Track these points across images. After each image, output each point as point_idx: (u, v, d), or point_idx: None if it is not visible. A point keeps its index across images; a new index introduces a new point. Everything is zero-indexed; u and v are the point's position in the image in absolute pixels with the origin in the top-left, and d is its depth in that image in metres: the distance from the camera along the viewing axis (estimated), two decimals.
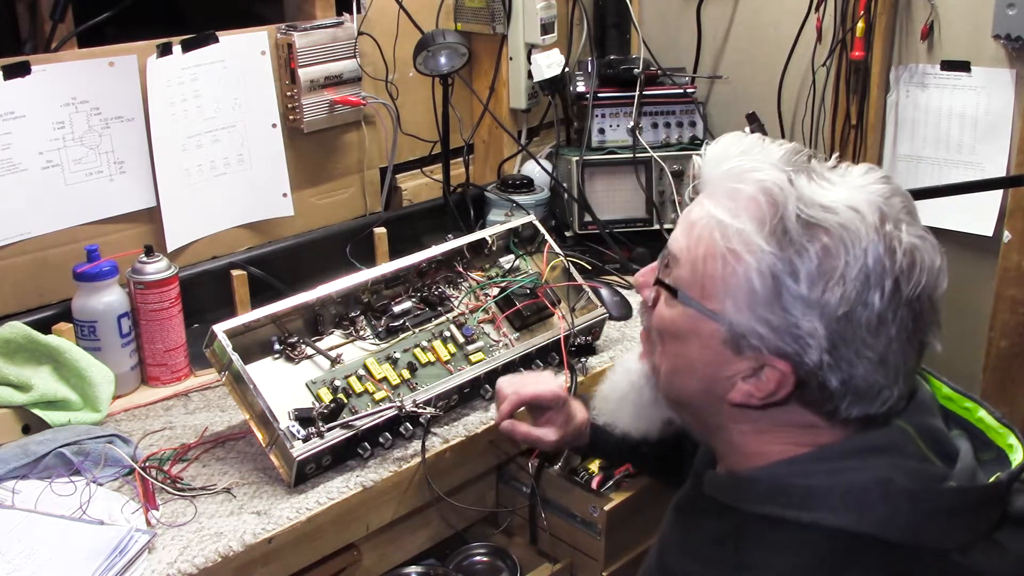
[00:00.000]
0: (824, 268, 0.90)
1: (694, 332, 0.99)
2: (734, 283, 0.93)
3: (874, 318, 0.91)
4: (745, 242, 0.92)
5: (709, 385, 1.00)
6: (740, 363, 0.96)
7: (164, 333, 1.64)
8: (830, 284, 0.90)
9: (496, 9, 2.20)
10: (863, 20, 2.08)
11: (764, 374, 0.95)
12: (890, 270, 0.91)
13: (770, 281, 0.91)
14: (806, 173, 0.95)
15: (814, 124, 2.23)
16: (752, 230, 0.92)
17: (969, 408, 1.07)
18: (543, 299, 1.65)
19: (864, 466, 0.95)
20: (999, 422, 1.04)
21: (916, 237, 0.94)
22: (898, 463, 0.95)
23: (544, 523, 1.59)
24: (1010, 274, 1.97)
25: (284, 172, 1.98)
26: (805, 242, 0.91)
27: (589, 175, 2.22)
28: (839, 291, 0.90)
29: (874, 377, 0.93)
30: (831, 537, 0.93)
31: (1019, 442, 1.01)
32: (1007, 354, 2.00)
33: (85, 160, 1.70)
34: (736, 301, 0.93)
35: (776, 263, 0.91)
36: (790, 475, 0.98)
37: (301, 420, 1.37)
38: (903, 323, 0.92)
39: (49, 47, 1.67)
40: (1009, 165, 2.00)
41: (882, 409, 0.95)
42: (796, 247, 0.91)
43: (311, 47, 1.92)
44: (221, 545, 1.25)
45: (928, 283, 0.94)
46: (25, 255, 1.66)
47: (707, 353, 0.98)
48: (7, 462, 1.36)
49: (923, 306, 0.94)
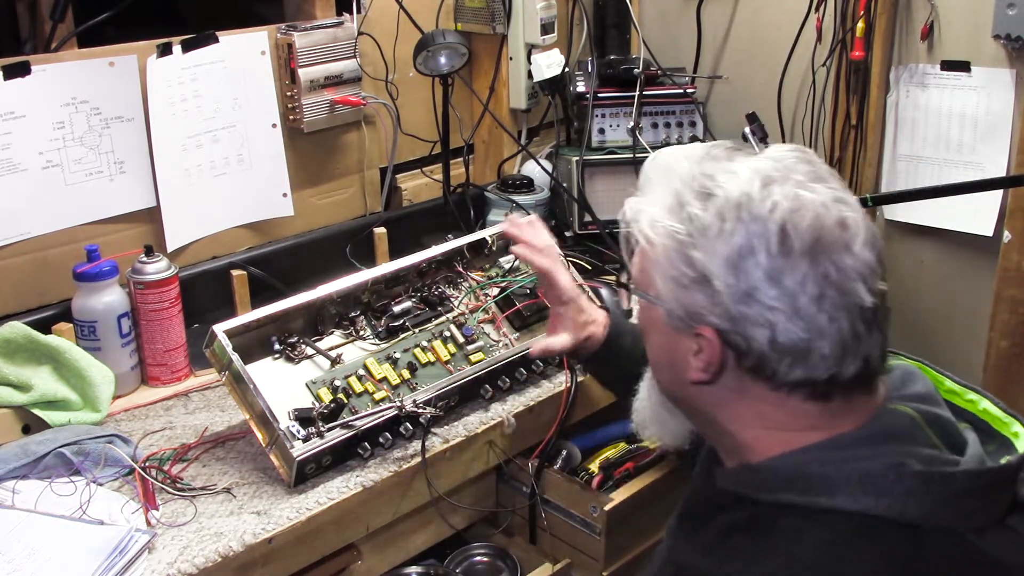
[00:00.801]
0: (715, 230, 0.97)
1: (650, 322, 1.08)
2: (656, 264, 1.02)
3: (768, 269, 0.95)
4: (653, 224, 1.02)
5: (674, 371, 1.06)
6: (685, 341, 1.02)
7: (164, 333, 1.64)
8: (721, 243, 0.96)
9: (496, 9, 2.20)
10: (863, 20, 2.08)
11: (702, 345, 1.00)
12: (773, 223, 0.95)
13: (676, 254, 0.99)
14: (714, 157, 1.02)
15: (814, 124, 2.23)
16: (659, 213, 1.02)
17: (973, 400, 1.09)
18: (543, 299, 1.65)
19: (878, 452, 0.97)
20: (1004, 411, 1.06)
21: (814, 193, 0.97)
22: (910, 450, 0.97)
23: (544, 523, 1.59)
24: (1010, 274, 1.97)
25: (284, 172, 1.98)
26: (698, 211, 0.98)
27: (589, 175, 2.22)
28: (728, 248, 0.96)
29: (795, 333, 0.95)
30: (848, 520, 0.95)
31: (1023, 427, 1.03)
32: (1007, 354, 2.00)
33: (85, 160, 1.70)
34: (663, 281, 1.01)
35: (676, 235, 0.99)
36: (806, 463, 0.99)
37: (301, 420, 1.37)
38: (807, 275, 0.94)
39: (49, 47, 1.67)
40: (1009, 165, 2.00)
41: (827, 373, 0.97)
42: (692, 217, 0.98)
43: (311, 47, 1.92)
44: (221, 545, 1.25)
45: (829, 236, 0.95)
46: (25, 255, 1.66)
47: (662, 339, 1.06)
48: (7, 462, 1.36)
49: (832, 258, 0.95)
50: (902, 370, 1.08)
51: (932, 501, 0.94)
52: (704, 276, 0.97)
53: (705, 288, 0.98)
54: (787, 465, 1.00)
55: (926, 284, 2.21)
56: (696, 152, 1.04)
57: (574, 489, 1.56)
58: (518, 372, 1.60)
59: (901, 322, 2.27)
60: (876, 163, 2.19)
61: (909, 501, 0.94)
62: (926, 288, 2.21)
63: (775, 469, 1.01)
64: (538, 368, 1.64)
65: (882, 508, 0.94)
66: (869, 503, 0.94)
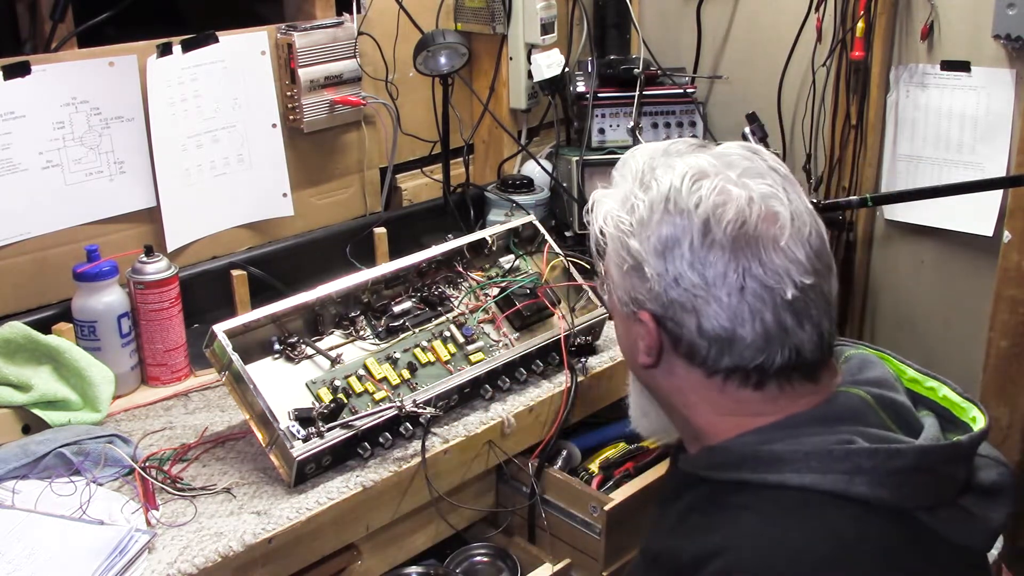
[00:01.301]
0: (648, 221, 1.03)
1: (612, 308, 1.13)
2: (609, 254, 1.08)
3: (690, 260, 1.00)
4: (607, 215, 1.08)
5: (631, 356, 1.12)
6: (634, 326, 1.08)
7: (164, 333, 1.64)
8: (651, 233, 1.02)
9: (496, 9, 2.20)
10: (863, 20, 2.09)
11: (643, 328, 1.06)
12: (697, 216, 1.00)
13: (619, 243, 1.06)
14: (667, 154, 1.08)
15: (814, 124, 2.23)
16: (612, 204, 1.08)
17: (933, 388, 1.11)
18: (543, 299, 1.65)
19: (828, 431, 1.00)
20: (962, 397, 1.09)
21: (745, 189, 1.00)
22: (860, 429, 1.00)
23: (544, 523, 1.59)
24: (1010, 274, 1.97)
25: (284, 172, 1.98)
26: (639, 203, 1.04)
27: (589, 175, 2.22)
28: (656, 237, 1.02)
29: (718, 321, 1.00)
30: (795, 494, 0.97)
31: (981, 414, 1.06)
32: (1007, 354, 2.00)
33: (85, 160, 1.70)
34: (614, 269, 1.08)
35: (622, 226, 1.06)
36: (758, 443, 1.03)
37: (301, 420, 1.37)
38: (727, 266, 0.98)
39: (49, 47, 1.67)
40: (1009, 165, 2.00)
41: (753, 362, 1.01)
42: (634, 208, 1.05)
43: (311, 47, 1.92)
44: (221, 545, 1.25)
45: (754, 230, 0.98)
46: (25, 255, 1.66)
47: (620, 324, 1.13)
48: (7, 462, 1.36)
49: (757, 252, 0.98)
50: (860, 358, 1.11)
51: (878, 477, 0.96)
52: (638, 263, 1.04)
53: (640, 275, 1.04)
54: (740, 445, 1.04)
55: (926, 284, 2.21)
56: (658, 148, 1.10)
57: (574, 489, 1.56)
58: (518, 372, 1.60)
59: (901, 322, 2.27)
60: (876, 163, 2.19)
61: (855, 477, 0.96)
62: (926, 288, 2.21)
63: (729, 449, 1.05)
64: (538, 368, 1.64)
65: (827, 483, 0.96)
66: (815, 479, 0.97)
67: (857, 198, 1.77)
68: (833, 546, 0.94)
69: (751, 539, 0.97)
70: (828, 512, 0.96)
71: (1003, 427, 2.03)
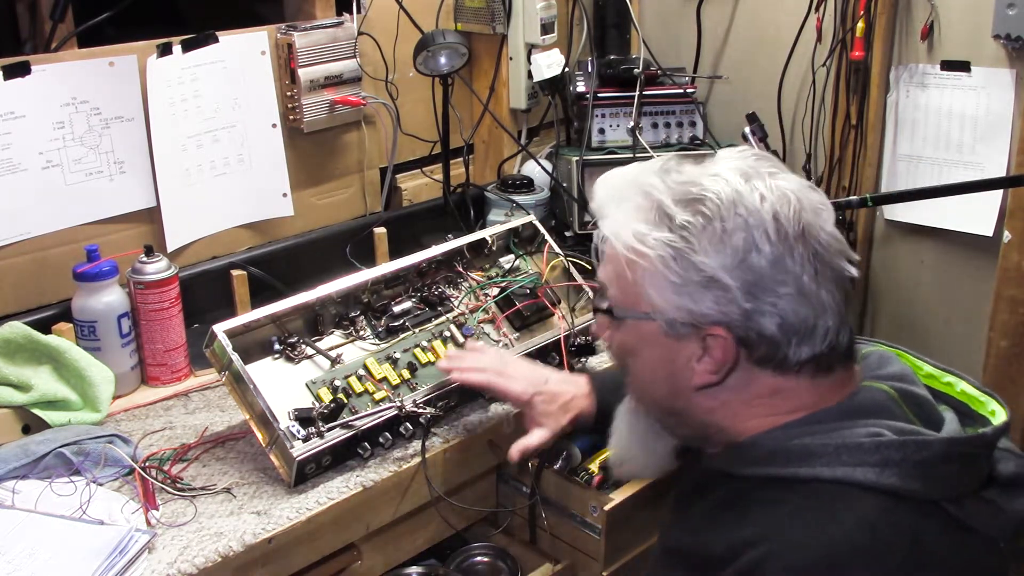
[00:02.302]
0: (711, 231, 1.01)
1: (640, 340, 1.08)
2: (647, 278, 1.04)
3: (771, 258, 1.00)
4: (640, 239, 1.03)
5: (673, 382, 1.08)
6: (686, 347, 1.05)
7: (164, 333, 1.64)
8: (723, 243, 1.00)
9: (496, 9, 2.20)
10: (863, 20, 2.08)
11: (709, 347, 1.03)
12: (766, 213, 1.00)
13: (673, 262, 1.02)
14: (676, 169, 1.06)
15: (814, 124, 2.23)
16: (642, 227, 1.03)
17: (950, 383, 1.13)
18: (543, 299, 1.65)
19: (855, 425, 1.02)
20: (980, 391, 1.11)
21: (785, 181, 1.03)
22: (886, 423, 1.02)
23: (544, 523, 1.59)
24: (1010, 274, 1.97)
25: (284, 172, 1.98)
26: (688, 217, 1.01)
27: (589, 175, 2.21)
28: (730, 246, 1.00)
29: (802, 311, 1.00)
30: (828, 487, 0.99)
31: (1001, 407, 1.08)
32: (1007, 354, 2.00)
33: (85, 160, 1.70)
34: (657, 293, 1.03)
35: (671, 244, 1.02)
36: (787, 438, 1.04)
37: (301, 420, 1.37)
38: (803, 256, 1.00)
39: (49, 47, 1.67)
40: (1009, 165, 1.99)
41: (826, 346, 1.02)
42: (681, 224, 1.01)
43: (311, 47, 1.92)
44: (221, 545, 1.25)
45: (809, 218, 1.01)
46: (25, 255, 1.66)
47: (657, 352, 1.07)
48: (7, 462, 1.36)
49: (816, 238, 1.01)
50: (879, 354, 1.13)
51: (908, 469, 0.98)
52: (711, 278, 1.00)
53: (714, 289, 1.01)
54: (768, 440, 1.05)
55: (926, 284, 2.21)
56: (650, 167, 1.09)
57: (574, 489, 1.56)
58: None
59: (901, 322, 2.27)
60: (876, 163, 2.19)
61: (886, 470, 0.98)
62: (926, 288, 2.21)
63: (757, 444, 1.06)
64: None
65: (859, 476, 0.98)
66: (847, 471, 0.98)
67: (857, 198, 1.77)
68: (868, 536, 0.96)
69: (786, 530, 0.98)
70: (861, 504, 0.97)
71: None
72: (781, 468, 1.02)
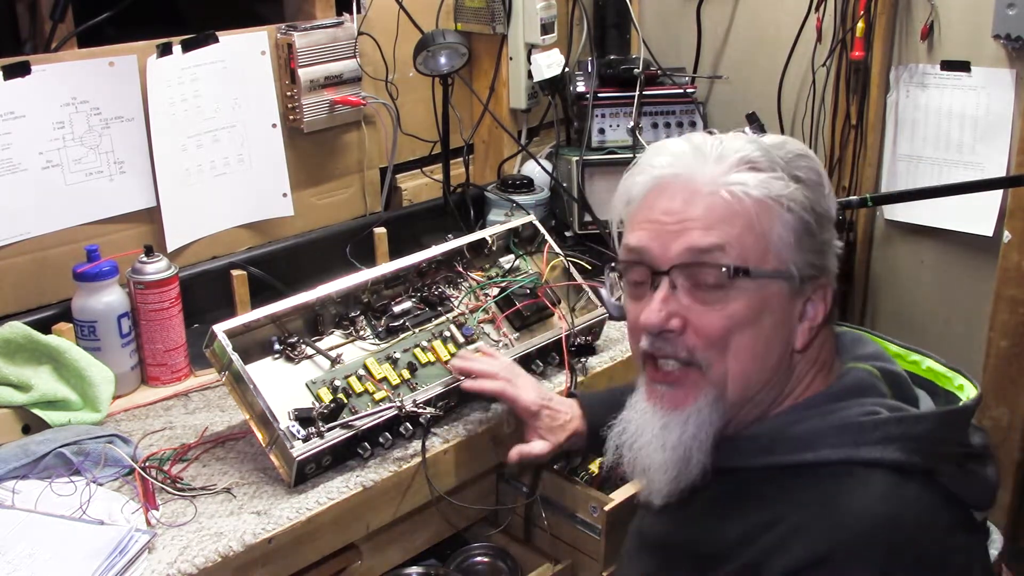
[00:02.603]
0: (815, 184, 1.04)
1: (763, 304, 1.02)
2: (782, 231, 1.02)
3: (829, 204, 1.07)
4: (774, 189, 1.01)
5: (784, 347, 1.05)
6: (796, 307, 1.05)
7: (164, 333, 1.64)
8: (822, 197, 1.05)
9: (496, 9, 2.20)
10: (863, 20, 2.09)
11: (814, 301, 1.05)
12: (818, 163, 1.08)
13: (805, 213, 1.02)
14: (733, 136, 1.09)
15: (814, 124, 2.23)
16: (768, 177, 1.02)
17: (916, 361, 1.16)
18: (543, 299, 1.65)
19: (850, 405, 1.03)
20: (947, 367, 1.13)
21: None
22: (877, 401, 1.04)
23: (544, 523, 1.59)
24: (1010, 274, 1.97)
25: (284, 172, 1.98)
26: (800, 173, 1.03)
27: (589, 175, 2.22)
28: (825, 200, 1.05)
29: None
30: (835, 468, 1.00)
31: (968, 381, 1.11)
32: (1007, 354, 2.00)
33: (85, 160, 1.70)
34: (787, 247, 1.02)
35: (804, 195, 1.03)
36: (785, 425, 1.05)
37: (301, 420, 1.37)
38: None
39: (49, 47, 1.67)
40: (1009, 165, 2.00)
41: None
42: (797, 178, 1.03)
43: (311, 47, 1.92)
44: (221, 545, 1.25)
45: None
46: (25, 255, 1.66)
47: (776, 316, 1.03)
48: (7, 462, 1.36)
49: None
50: (851, 335, 1.15)
51: (907, 444, 1.00)
52: (826, 220, 1.05)
53: (829, 237, 1.05)
54: (768, 430, 1.05)
55: (926, 284, 2.21)
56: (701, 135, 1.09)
57: (574, 489, 1.56)
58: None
59: (901, 322, 2.27)
60: (876, 163, 2.19)
61: (888, 446, 0.99)
62: (926, 288, 2.21)
63: (757, 437, 1.06)
64: (538, 368, 1.64)
65: (863, 454, 0.99)
66: (850, 451, 1.00)
67: (857, 198, 1.77)
68: (887, 507, 0.96)
69: (806, 508, 0.98)
70: (872, 480, 0.98)
71: (1003, 427, 2.03)
72: (783, 456, 1.03)
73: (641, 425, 1.08)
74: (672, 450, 1.04)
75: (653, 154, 1.09)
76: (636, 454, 1.08)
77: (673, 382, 1.06)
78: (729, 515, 1.04)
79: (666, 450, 1.05)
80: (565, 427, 1.45)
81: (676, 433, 1.04)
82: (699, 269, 1.02)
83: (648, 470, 1.07)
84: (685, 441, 1.04)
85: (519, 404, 1.45)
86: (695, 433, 1.04)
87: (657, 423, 1.06)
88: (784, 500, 1.00)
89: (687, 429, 1.04)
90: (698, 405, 1.04)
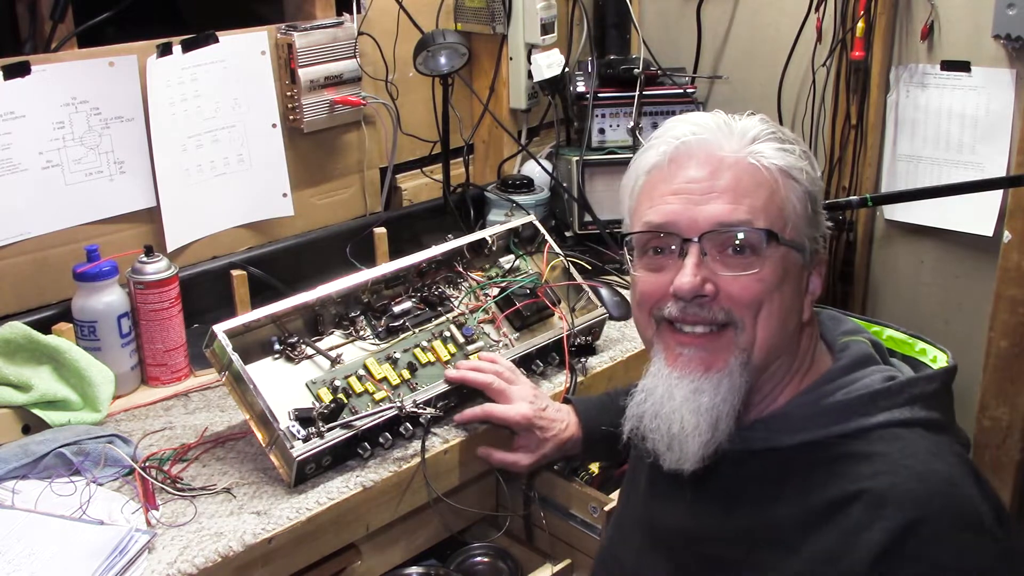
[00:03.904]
0: (813, 161, 1.10)
1: (786, 272, 1.06)
2: (798, 203, 1.07)
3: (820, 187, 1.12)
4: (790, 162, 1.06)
5: (798, 316, 1.09)
6: (804, 279, 1.09)
7: (164, 333, 1.64)
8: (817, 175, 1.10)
9: (496, 9, 2.20)
10: (863, 20, 2.08)
11: (815, 274, 1.10)
12: None
13: (812, 185, 1.08)
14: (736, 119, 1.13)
15: (814, 124, 2.23)
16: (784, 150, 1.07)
17: (878, 331, 1.20)
18: (543, 299, 1.65)
19: (867, 374, 1.07)
20: (907, 334, 1.20)
21: None
22: (883, 367, 1.10)
23: (544, 523, 1.59)
24: (1010, 274, 1.97)
25: (284, 172, 1.98)
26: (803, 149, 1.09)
27: (589, 175, 2.22)
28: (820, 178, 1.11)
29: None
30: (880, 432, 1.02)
31: (928, 344, 1.17)
32: (1007, 354, 2.00)
33: (85, 160, 1.70)
34: (797, 219, 1.06)
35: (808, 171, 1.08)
36: (816, 399, 1.07)
37: (301, 420, 1.37)
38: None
39: (49, 47, 1.67)
40: (1009, 165, 2.00)
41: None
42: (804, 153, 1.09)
43: (311, 47, 1.92)
44: (221, 545, 1.25)
45: None
46: (25, 255, 1.66)
47: (794, 285, 1.07)
48: (7, 462, 1.36)
49: None
50: (826, 313, 1.18)
51: (929, 401, 1.04)
52: (819, 204, 1.09)
53: (822, 213, 1.09)
54: (798, 406, 1.08)
55: (926, 284, 2.21)
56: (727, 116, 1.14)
57: (574, 489, 1.56)
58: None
59: (901, 322, 2.26)
60: (876, 163, 2.19)
61: (914, 406, 1.03)
62: (926, 288, 2.21)
63: (789, 415, 1.08)
64: (538, 368, 1.64)
65: (897, 416, 1.02)
66: (886, 416, 1.02)
67: (857, 198, 1.77)
68: (943, 463, 0.99)
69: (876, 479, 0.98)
70: (914, 437, 1.01)
71: (1003, 427, 2.03)
72: (822, 429, 1.04)
73: (667, 390, 1.06)
74: (707, 412, 1.03)
75: (672, 126, 1.13)
76: (664, 421, 1.06)
77: (702, 345, 1.06)
78: (780, 497, 1.03)
79: (700, 413, 1.03)
80: (558, 438, 1.46)
81: (708, 396, 1.04)
82: (731, 235, 1.04)
83: (679, 435, 1.05)
84: (717, 404, 1.03)
85: (508, 424, 1.47)
86: (726, 396, 1.03)
87: (686, 387, 1.05)
88: (844, 475, 1.00)
89: (719, 392, 1.03)
90: (729, 368, 1.04)
